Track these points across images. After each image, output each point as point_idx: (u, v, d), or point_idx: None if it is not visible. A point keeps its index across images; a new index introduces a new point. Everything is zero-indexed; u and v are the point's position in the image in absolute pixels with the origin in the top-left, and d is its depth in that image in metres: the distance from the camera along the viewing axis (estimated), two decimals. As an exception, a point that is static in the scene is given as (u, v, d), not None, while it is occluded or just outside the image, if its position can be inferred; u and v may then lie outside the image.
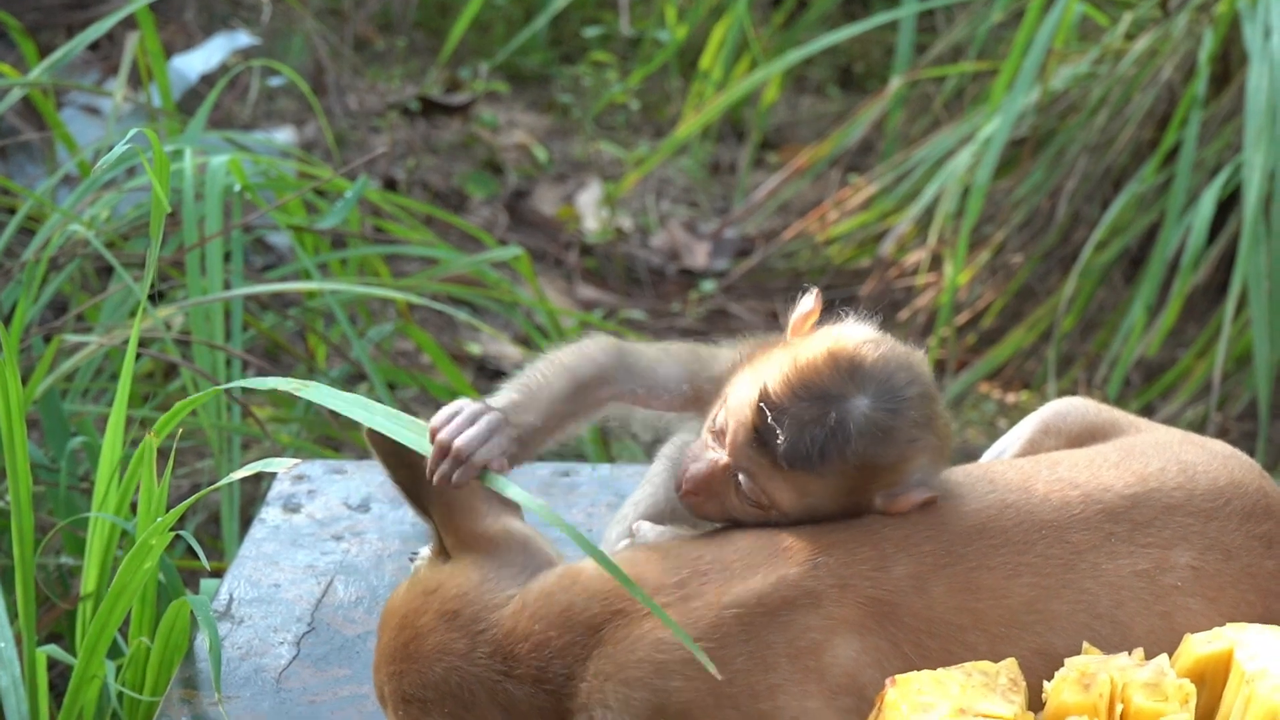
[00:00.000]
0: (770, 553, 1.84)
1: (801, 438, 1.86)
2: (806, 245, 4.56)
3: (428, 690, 1.86)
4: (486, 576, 1.89)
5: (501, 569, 1.90)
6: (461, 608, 1.87)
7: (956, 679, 1.73)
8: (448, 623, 1.87)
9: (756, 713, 1.78)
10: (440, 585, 1.89)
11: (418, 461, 1.92)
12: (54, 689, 2.63)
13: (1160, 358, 3.98)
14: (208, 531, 3.19)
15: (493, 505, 1.93)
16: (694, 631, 1.79)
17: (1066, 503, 1.90)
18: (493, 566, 1.90)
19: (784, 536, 1.85)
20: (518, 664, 1.84)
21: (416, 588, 1.91)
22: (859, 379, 1.87)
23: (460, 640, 1.86)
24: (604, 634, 1.82)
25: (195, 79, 4.41)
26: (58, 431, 2.78)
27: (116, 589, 2.08)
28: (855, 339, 1.91)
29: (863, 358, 1.89)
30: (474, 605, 1.87)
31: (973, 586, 1.83)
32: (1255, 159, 3.55)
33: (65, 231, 3.04)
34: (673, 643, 1.79)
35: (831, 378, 1.87)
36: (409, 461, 1.93)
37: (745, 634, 1.79)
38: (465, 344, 4.10)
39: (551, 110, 5.25)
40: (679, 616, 1.80)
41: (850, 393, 1.86)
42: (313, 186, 3.20)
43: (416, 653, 1.87)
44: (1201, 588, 1.87)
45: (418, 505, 1.95)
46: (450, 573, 1.90)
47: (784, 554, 1.83)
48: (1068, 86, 4.20)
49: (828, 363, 1.88)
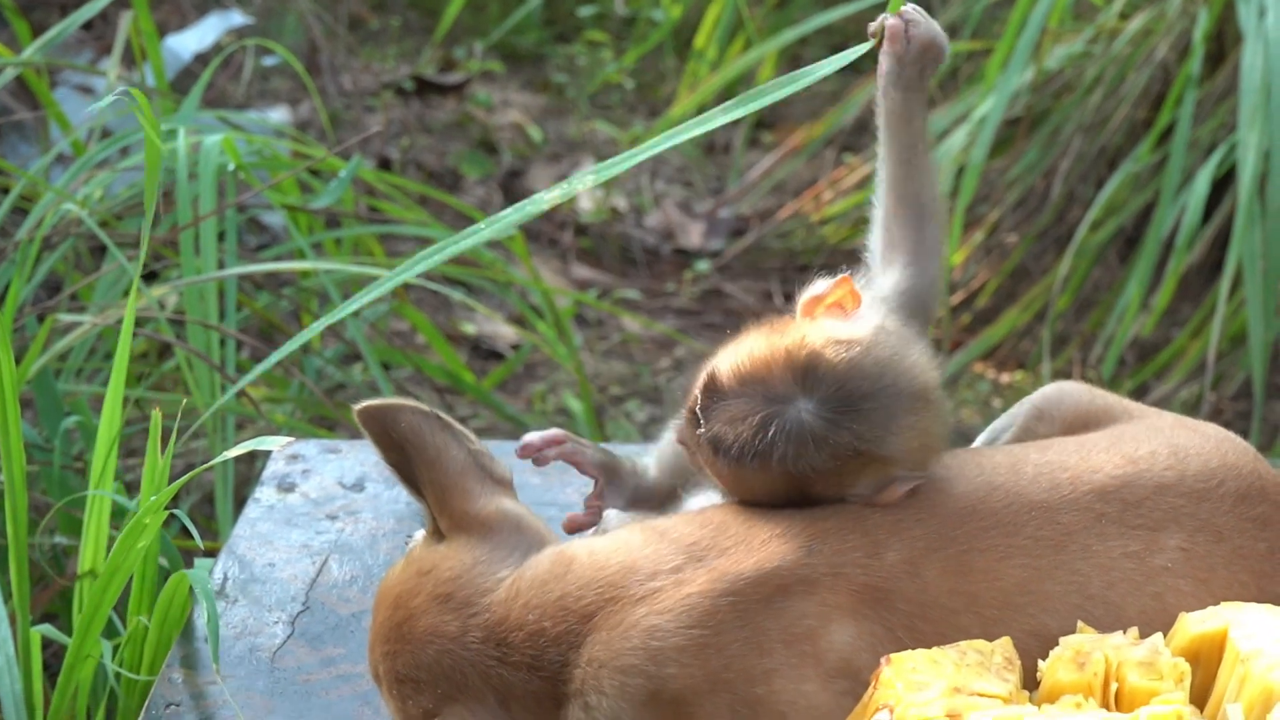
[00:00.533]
0: (764, 539, 1.83)
1: (727, 432, 1.83)
2: (801, 225, 4.56)
3: (420, 671, 1.86)
4: (479, 559, 1.89)
5: (494, 551, 1.90)
6: (454, 590, 1.87)
7: (951, 658, 1.73)
8: (440, 605, 1.87)
9: (752, 697, 1.78)
10: (434, 567, 1.89)
11: (408, 442, 1.92)
12: (48, 669, 2.63)
13: (1155, 337, 3.98)
14: (202, 511, 3.19)
15: (486, 486, 1.93)
16: (688, 619, 1.79)
17: (1056, 484, 1.89)
18: (485, 549, 1.90)
19: (777, 522, 1.85)
20: (512, 651, 1.84)
21: (411, 568, 1.91)
22: (809, 382, 1.82)
23: (453, 623, 1.86)
24: (597, 621, 1.82)
25: (189, 58, 4.40)
26: (51, 411, 2.78)
27: (111, 567, 2.07)
28: (836, 336, 1.85)
29: (821, 360, 1.83)
30: (467, 589, 1.87)
31: (965, 569, 1.83)
32: (1250, 138, 3.54)
33: (59, 211, 3.03)
34: (667, 630, 1.79)
35: (780, 376, 1.83)
36: (399, 443, 1.93)
37: (740, 620, 1.79)
38: (460, 324, 4.10)
39: (546, 90, 5.24)
40: (673, 603, 1.80)
41: (793, 395, 1.82)
42: (307, 166, 3.20)
43: (410, 634, 1.87)
44: (1192, 569, 1.87)
45: (411, 486, 1.95)
46: (444, 554, 1.90)
47: (778, 540, 1.83)
48: (1062, 66, 4.19)
49: (783, 359, 1.83)
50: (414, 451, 1.92)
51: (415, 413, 1.93)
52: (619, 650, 1.80)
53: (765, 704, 1.78)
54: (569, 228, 4.51)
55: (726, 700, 1.78)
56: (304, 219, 3.41)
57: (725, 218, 4.69)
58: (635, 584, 1.82)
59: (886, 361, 1.85)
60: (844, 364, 1.83)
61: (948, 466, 1.91)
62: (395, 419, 1.93)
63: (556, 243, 4.51)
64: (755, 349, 1.85)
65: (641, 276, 4.47)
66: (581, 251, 4.52)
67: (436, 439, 1.93)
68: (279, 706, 2.05)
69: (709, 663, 1.78)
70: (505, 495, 1.95)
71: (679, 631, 1.78)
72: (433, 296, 4.11)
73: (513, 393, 3.91)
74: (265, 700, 2.06)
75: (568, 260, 4.44)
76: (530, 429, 3.58)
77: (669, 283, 4.44)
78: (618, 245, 4.52)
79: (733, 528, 1.86)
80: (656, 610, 1.79)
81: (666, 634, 1.79)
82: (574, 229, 4.56)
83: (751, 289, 4.42)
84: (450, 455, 1.93)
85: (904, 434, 1.84)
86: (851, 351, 1.83)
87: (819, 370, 1.82)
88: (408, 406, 1.93)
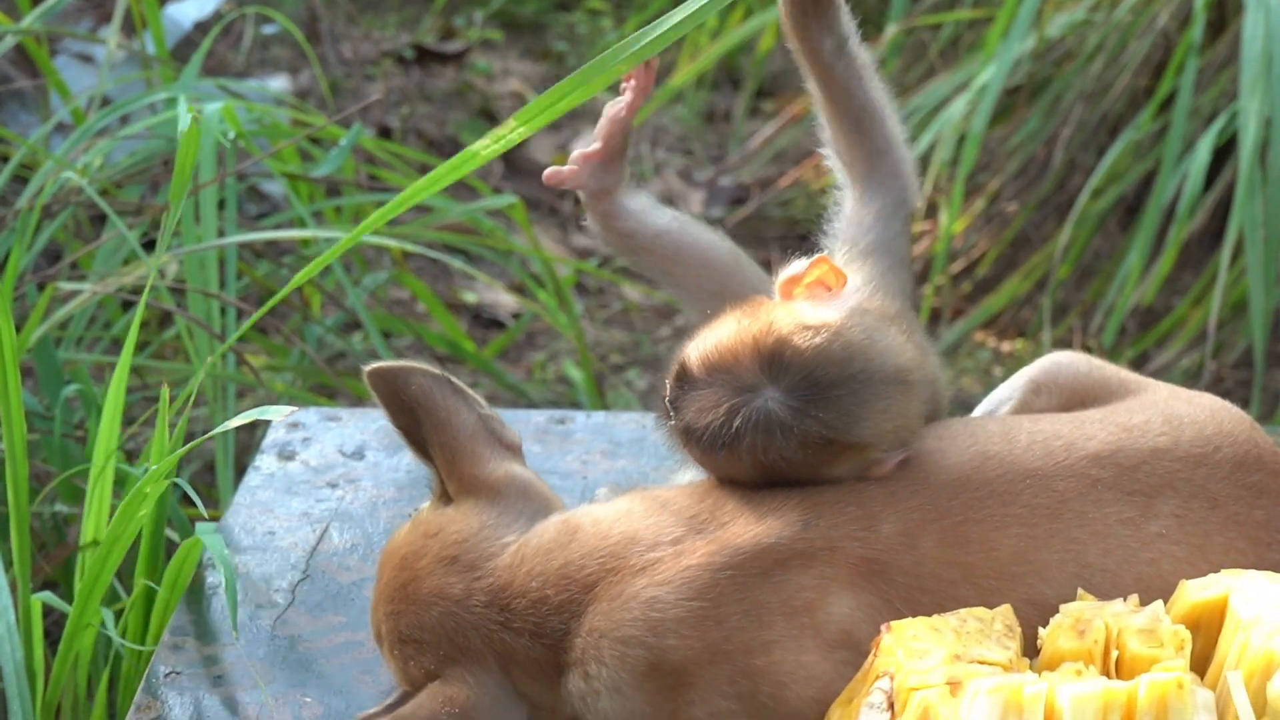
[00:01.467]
0: (761, 513, 1.83)
1: (696, 421, 1.82)
2: (802, 193, 4.55)
3: (423, 632, 1.86)
4: (485, 523, 1.89)
5: (501, 515, 1.90)
6: (460, 554, 1.87)
7: (951, 625, 1.73)
8: (445, 567, 1.87)
9: (752, 668, 1.78)
10: (441, 529, 1.89)
11: (419, 405, 1.92)
12: (49, 637, 2.64)
13: (1156, 305, 3.98)
14: (203, 480, 3.19)
15: (495, 450, 1.93)
16: (688, 591, 1.79)
17: (1050, 451, 1.89)
18: (493, 513, 1.90)
19: (775, 496, 1.85)
20: (515, 617, 1.84)
21: (418, 529, 1.91)
22: (775, 370, 1.81)
23: (457, 586, 1.86)
24: (599, 591, 1.82)
25: (189, 26, 4.39)
26: (52, 379, 2.78)
27: (113, 535, 2.08)
28: (805, 321, 1.84)
29: (788, 347, 1.82)
30: (472, 552, 1.87)
31: (961, 540, 1.83)
32: (1251, 106, 3.54)
33: (59, 179, 3.03)
34: (668, 601, 1.79)
35: (747, 364, 1.81)
36: (410, 405, 1.93)
37: (739, 593, 1.79)
38: (460, 292, 4.10)
39: (546, 58, 5.23)
40: (673, 575, 1.80)
41: (760, 384, 1.81)
42: (307, 134, 3.19)
43: (414, 595, 1.87)
44: (1186, 535, 1.87)
45: (419, 449, 1.95)
46: (451, 517, 1.90)
47: (774, 515, 1.83)
48: (1063, 34, 4.18)
49: (750, 347, 1.82)
50: (424, 414, 1.92)
51: (426, 375, 1.93)
52: (619, 621, 1.80)
53: (765, 675, 1.78)
54: (569, 196, 4.51)
55: (726, 671, 1.78)
56: (304, 187, 3.41)
57: (726, 186, 4.68)
58: (636, 554, 1.82)
59: (857, 347, 1.83)
60: (811, 351, 1.81)
61: (940, 437, 1.91)
62: (406, 381, 1.93)
63: (557, 211, 4.51)
64: (724, 336, 1.84)
65: (642, 245, 4.46)
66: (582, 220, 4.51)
67: (448, 402, 1.93)
68: (279, 674, 2.05)
69: (709, 634, 1.78)
70: (514, 460, 1.95)
71: (679, 603, 1.79)
72: (433, 265, 4.10)
73: (513, 361, 3.91)
74: (265, 668, 2.06)
75: (568, 229, 4.44)
76: (531, 397, 3.58)
77: (669, 251, 4.43)
78: (618, 214, 4.51)
79: (731, 501, 1.86)
80: (657, 582, 1.80)
81: (666, 605, 1.79)
82: (574, 197, 4.55)
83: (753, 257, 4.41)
84: (461, 419, 1.93)
85: (875, 419, 1.82)
86: (819, 337, 1.81)
87: (785, 357, 1.81)
88: (419, 369, 1.93)
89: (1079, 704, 1.62)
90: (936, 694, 1.66)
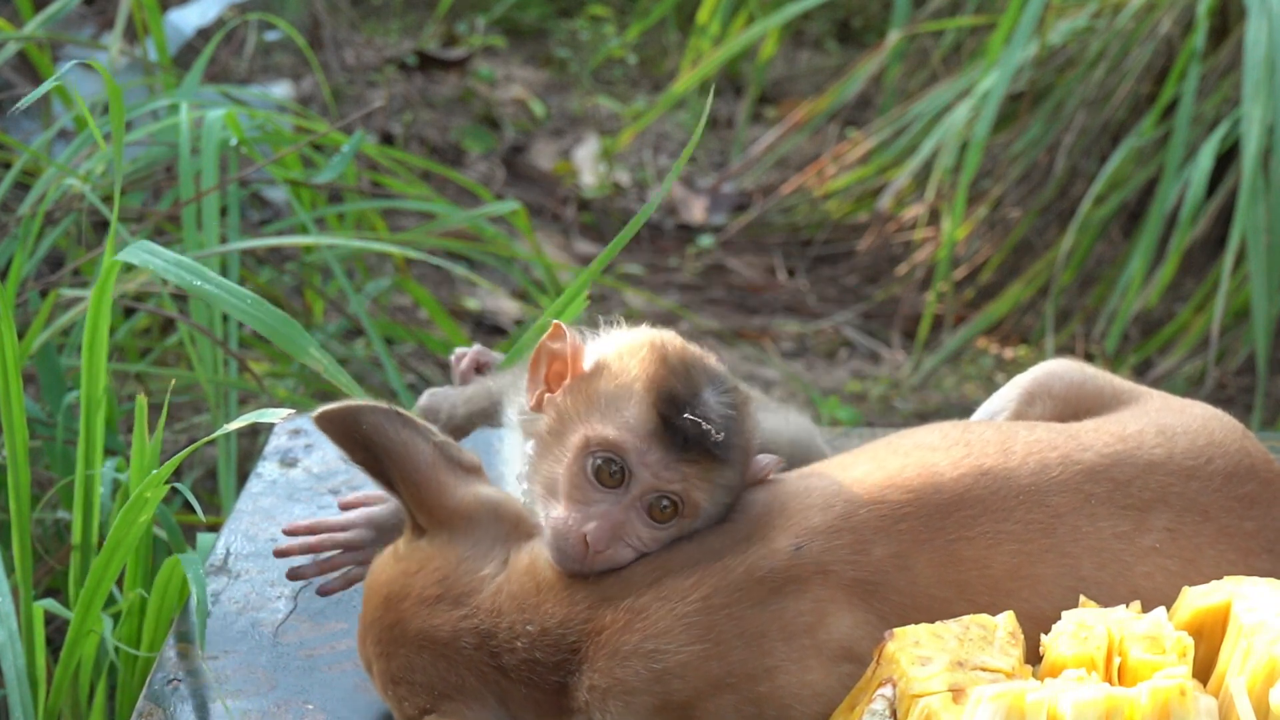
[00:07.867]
0: (750, 543, 1.83)
1: (723, 425, 1.84)
2: (804, 200, 4.55)
3: (415, 674, 1.85)
4: (462, 556, 1.87)
5: (476, 545, 1.89)
6: (442, 592, 1.86)
7: (954, 632, 1.73)
8: (429, 608, 1.86)
9: (756, 695, 1.78)
10: (421, 567, 1.87)
11: (373, 443, 1.90)
12: (51, 644, 2.64)
13: (1158, 312, 3.98)
14: (205, 487, 3.19)
15: (457, 475, 1.91)
16: (688, 638, 1.79)
17: (1045, 465, 1.88)
18: (468, 544, 1.88)
19: (762, 524, 1.85)
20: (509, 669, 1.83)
21: (399, 565, 1.89)
22: (697, 372, 1.87)
23: (444, 628, 1.85)
24: (588, 652, 1.82)
25: (191, 33, 4.40)
26: (54, 386, 2.78)
27: (112, 543, 2.07)
28: (640, 342, 1.89)
29: (678, 351, 1.87)
30: (455, 589, 1.86)
31: (954, 559, 1.83)
32: (1254, 112, 3.54)
33: (61, 186, 3.03)
34: (667, 650, 1.79)
35: (687, 374, 1.85)
36: (365, 442, 1.90)
37: (738, 626, 1.79)
38: (463, 299, 4.10)
39: (549, 65, 5.24)
40: (670, 625, 1.80)
41: (704, 383, 1.86)
42: (309, 141, 3.19)
43: (402, 636, 1.86)
44: (1179, 549, 1.87)
45: (384, 484, 1.92)
46: (429, 553, 1.88)
47: (763, 542, 1.83)
48: (1066, 40, 4.19)
49: (672, 362, 1.86)
50: (380, 451, 1.89)
51: (375, 412, 1.89)
52: (620, 678, 1.79)
53: (770, 700, 1.78)
54: (571, 203, 4.51)
55: (732, 701, 1.78)
56: (306, 194, 3.41)
57: (728, 193, 4.69)
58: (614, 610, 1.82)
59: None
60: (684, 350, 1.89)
61: (935, 447, 1.90)
62: (356, 421, 1.90)
63: (559, 218, 4.51)
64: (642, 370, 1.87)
65: (644, 251, 4.47)
66: (584, 226, 4.51)
67: (401, 435, 1.90)
68: (281, 681, 2.05)
69: (711, 671, 1.78)
70: (478, 481, 1.93)
71: (680, 649, 1.79)
72: (435, 271, 4.11)
73: (515, 368, 3.91)
74: (267, 675, 2.06)
75: (570, 235, 4.44)
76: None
77: (672, 258, 4.44)
78: (620, 220, 4.52)
79: (710, 540, 1.85)
80: (653, 634, 1.79)
81: (668, 655, 1.79)
82: (576, 204, 4.56)
83: (754, 264, 4.42)
84: (418, 451, 1.90)
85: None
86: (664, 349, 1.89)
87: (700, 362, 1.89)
88: (366, 406, 1.89)
89: (1081, 710, 1.62)
90: (939, 701, 1.65)
